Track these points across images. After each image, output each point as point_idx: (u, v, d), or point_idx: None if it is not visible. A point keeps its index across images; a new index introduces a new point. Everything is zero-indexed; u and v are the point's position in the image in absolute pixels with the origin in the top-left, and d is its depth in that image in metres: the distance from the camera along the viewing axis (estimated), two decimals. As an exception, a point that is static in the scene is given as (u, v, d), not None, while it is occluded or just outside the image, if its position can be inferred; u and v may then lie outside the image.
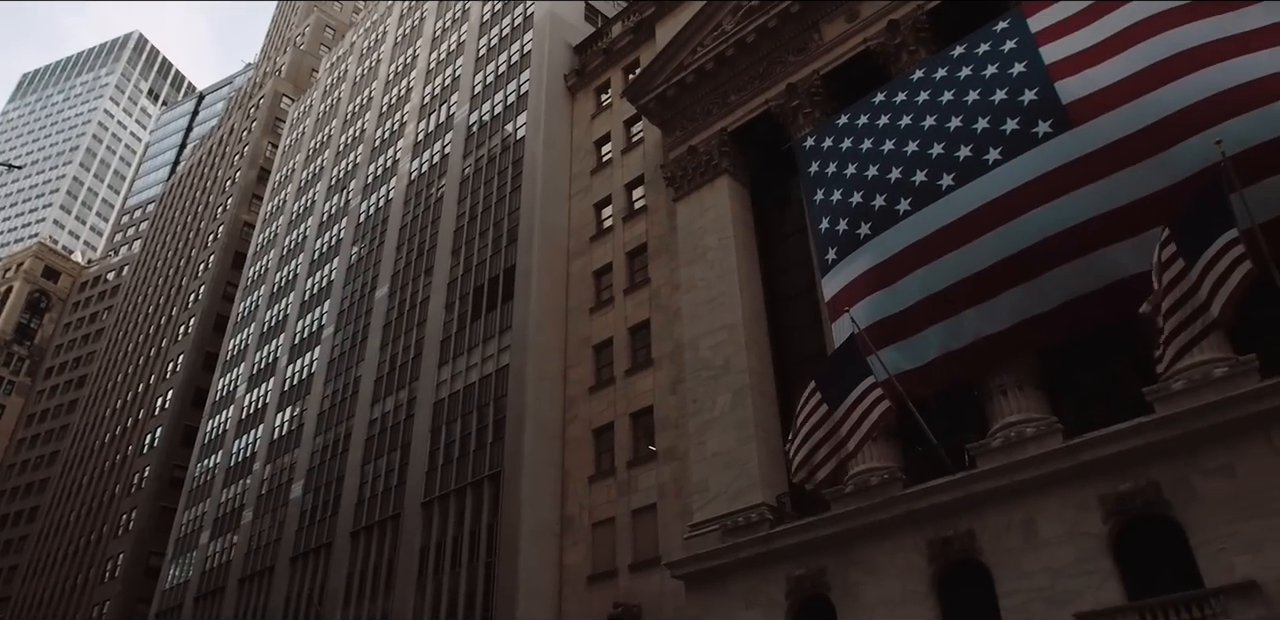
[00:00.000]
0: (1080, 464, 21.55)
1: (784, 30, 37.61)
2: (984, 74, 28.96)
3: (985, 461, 23.33)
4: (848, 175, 31.13)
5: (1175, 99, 23.87)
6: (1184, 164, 22.66)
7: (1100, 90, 25.62)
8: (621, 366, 37.13)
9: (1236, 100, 22.91)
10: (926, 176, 28.41)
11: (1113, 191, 24.17)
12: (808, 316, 31.94)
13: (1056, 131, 25.86)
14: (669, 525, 30.82)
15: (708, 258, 34.90)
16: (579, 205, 45.48)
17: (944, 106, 29.51)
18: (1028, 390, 24.20)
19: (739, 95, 38.33)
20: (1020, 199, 25.74)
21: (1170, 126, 23.64)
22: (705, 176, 37.49)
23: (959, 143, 28.17)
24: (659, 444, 33.42)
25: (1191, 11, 25.53)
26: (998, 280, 25.48)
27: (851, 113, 32.69)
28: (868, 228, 29.37)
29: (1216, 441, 20.03)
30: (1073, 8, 28.40)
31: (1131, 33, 26.09)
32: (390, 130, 65.86)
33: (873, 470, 25.46)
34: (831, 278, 29.78)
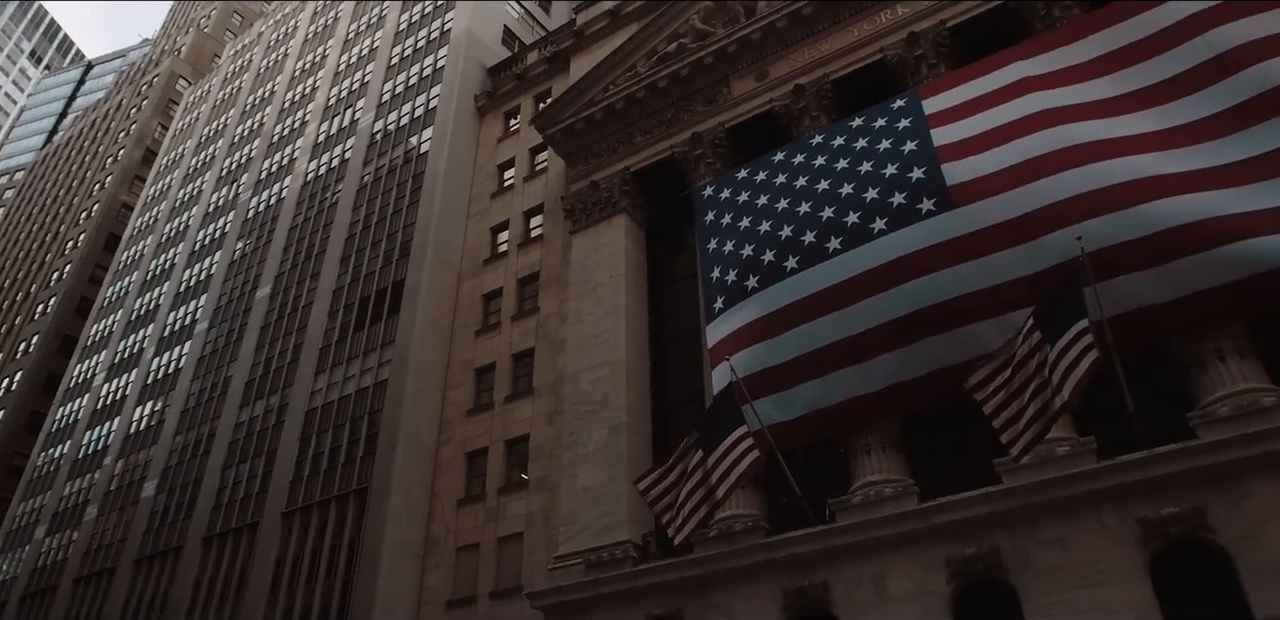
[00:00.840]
0: (931, 526, 22.59)
1: (695, 80, 38.51)
2: (878, 147, 30.37)
3: (844, 517, 24.22)
4: (741, 228, 32.06)
5: (1046, 193, 25.56)
6: (1048, 254, 24.22)
7: (982, 177, 27.22)
8: (502, 392, 37.03)
9: (1099, 201, 24.68)
10: (815, 238, 29.54)
11: (984, 272, 25.64)
12: (690, 360, 32.55)
13: (939, 210, 27.31)
14: (534, 555, 30.81)
15: (598, 293, 35.26)
16: (476, 227, 45.25)
17: (838, 173, 30.77)
18: (890, 452, 25.31)
19: (645, 137, 38.96)
20: (900, 269, 27.01)
21: (1040, 218, 25.26)
22: (604, 213, 37.91)
23: (848, 209, 29.42)
24: (531, 473, 33.43)
25: (1072, 112, 27.50)
26: (873, 344, 26.66)
27: (751, 168, 33.76)
28: (755, 280, 30.29)
29: (1054, 515, 21.33)
30: (964, 96, 30.11)
31: (1014, 127, 27.87)
32: (290, 128, 64.07)
33: (737, 517, 26.11)
34: (716, 325, 30.55)
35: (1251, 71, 24.70)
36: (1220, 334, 22.32)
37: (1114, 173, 24.98)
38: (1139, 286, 23.15)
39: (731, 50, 37.76)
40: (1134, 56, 27.65)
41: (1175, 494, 20.22)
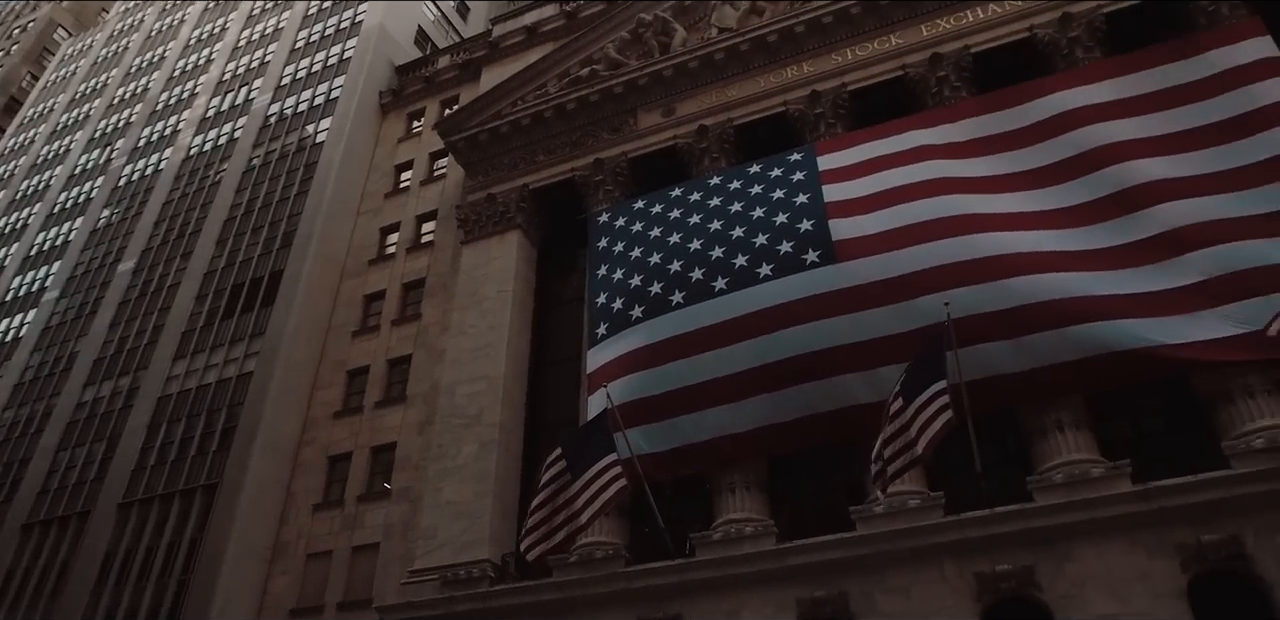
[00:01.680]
0: (786, 567, 23.31)
1: (604, 107, 38.79)
2: (772, 196, 31.35)
3: (704, 552, 24.72)
4: (632, 257, 32.50)
5: (923, 258, 26.94)
6: (919, 316, 25.47)
7: (866, 236, 28.47)
8: (373, 397, 36.18)
9: (970, 271, 26.19)
10: (703, 275, 30.23)
11: (858, 326, 26.77)
12: (568, 383, 32.64)
13: (823, 262, 28.39)
14: (388, 568, 30.12)
15: (483, 306, 35.00)
16: (365, 225, 44.22)
17: (731, 215, 31.61)
18: (753, 491, 26.04)
19: (548, 157, 38.98)
20: (780, 315, 27.91)
21: (914, 281, 26.58)
22: (498, 227, 37.70)
23: (737, 251, 30.24)
24: (395, 483, 32.73)
25: (956, 184, 29.10)
26: (747, 385, 27.41)
27: (649, 200, 34.30)
28: (640, 310, 30.73)
29: (901, 564, 22.39)
30: (858, 156, 31.43)
31: (902, 192, 29.29)
32: (178, 97, 61.01)
33: (599, 544, 26.30)
34: (598, 351, 30.82)
35: (1114, 169, 26.82)
36: (1061, 406, 23.96)
37: (987, 246, 26.61)
38: (996, 355, 24.68)
39: (642, 83, 38.24)
40: (1012, 142, 29.55)
41: (1010, 552, 21.58)
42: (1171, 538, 20.45)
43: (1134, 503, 21.08)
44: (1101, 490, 21.62)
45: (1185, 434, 23.22)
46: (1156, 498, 20.93)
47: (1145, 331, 23.53)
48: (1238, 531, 20.04)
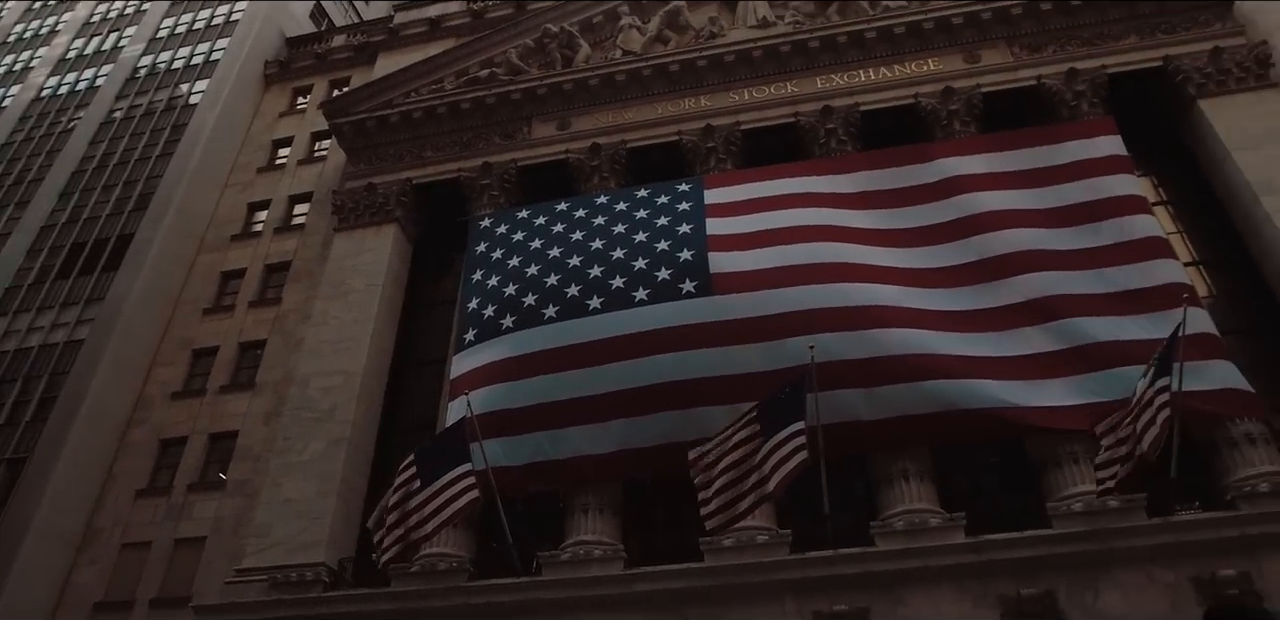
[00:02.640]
0: (632, 593, 23.07)
1: (499, 111, 37.97)
2: (656, 222, 31.40)
3: (550, 572, 24.21)
4: (510, 266, 31.84)
5: (795, 300, 27.51)
6: (784, 356, 25.87)
7: (743, 272, 28.83)
8: (219, 381, 33.78)
9: (838, 318, 26.89)
10: (578, 292, 29.90)
11: (726, 360, 27.05)
12: (429, 387, 31.50)
13: (698, 293, 28.58)
14: (213, 564, 27.88)
15: (349, 299, 33.43)
16: (232, 198, 41.53)
17: (614, 236, 31.46)
18: (607, 514, 25.75)
19: (436, 154, 37.79)
20: (651, 341, 27.89)
21: (784, 322, 27.08)
22: (375, 218, 36.19)
23: (616, 273, 30.09)
24: (232, 474, 30.49)
25: (835, 232, 29.89)
26: (610, 407, 27.19)
27: (534, 211, 33.74)
28: (512, 321, 30.10)
29: (744, 598, 22.54)
30: (745, 194, 31.85)
31: (782, 234, 29.86)
32: (35, 32, 55.85)
33: (444, 556, 25.36)
34: (463, 357, 29.95)
35: (983, 237, 28.23)
36: (909, 457, 24.89)
37: (856, 296, 27.42)
38: (853, 402, 25.40)
39: (541, 93, 37.69)
40: (893, 200, 30.68)
41: (849, 593, 22.13)
42: (996, 589, 21.50)
43: (965, 554, 22.08)
44: (937, 539, 22.54)
45: (1016, 493, 24.54)
46: (986, 550, 22.00)
47: (991, 393, 24.78)
48: (1053, 586, 21.27)
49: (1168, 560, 20.97)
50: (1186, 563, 20.83)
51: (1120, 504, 22.03)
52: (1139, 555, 21.20)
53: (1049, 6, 34.17)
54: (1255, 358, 25.27)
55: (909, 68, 35.22)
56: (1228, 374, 23.67)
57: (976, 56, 34.74)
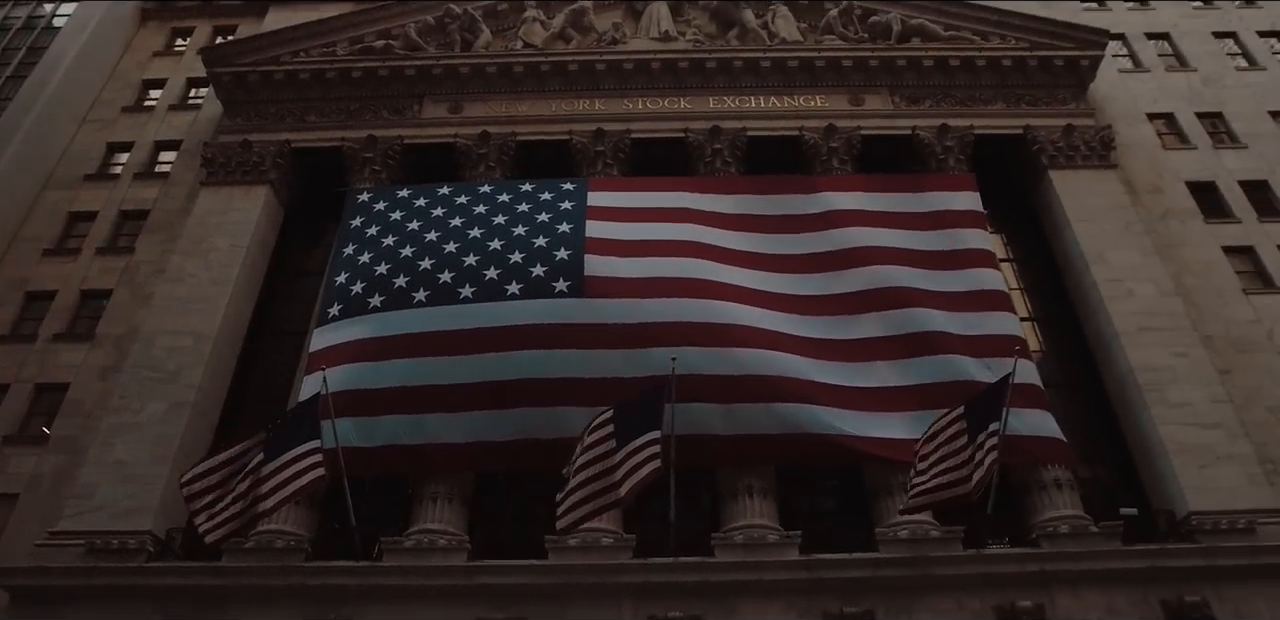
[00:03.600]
0: (473, 585, 22.75)
1: (391, 85, 36.52)
2: (537, 218, 31.03)
3: (391, 558, 23.48)
4: (384, 244, 30.73)
5: (662, 311, 27.81)
6: (647, 365, 26.10)
7: (616, 278, 28.90)
8: (53, 328, 30.72)
9: (702, 332, 27.35)
10: (451, 279, 29.21)
11: (591, 363, 27.03)
12: (286, 359, 29.90)
13: (570, 294, 28.47)
14: (25, 525, 25.21)
15: (210, 258, 31.28)
16: (89, 135, 37.97)
17: (493, 227, 30.90)
18: (455, 504, 25.18)
19: (320, 119, 35.95)
20: (519, 336, 27.55)
21: (650, 331, 27.32)
22: (247, 177, 34.02)
23: (491, 263, 29.57)
24: (57, 429, 27.74)
25: (709, 250, 30.32)
26: (470, 397, 26.66)
27: (415, 191, 32.69)
28: (380, 300, 29.07)
29: (584, 598, 22.62)
30: (628, 202, 31.89)
31: (657, 246, 30.10)
32: None
33: (282, 534, 24.13)
34: (325, 332, 28.66)
35: (858, 271, 29.30)
36: (755, 473, 25.60)
37: (723, 314, 27.97)
38: (708, 416, 25.85)
39: (436, 72, 36.49)
40: (770, 226, 31.40)
41: (685, 600, 22.57)
42: (822, 605, 22.45)
43: (798, 570, 22.92)
44: (773, 555, 23.30)
45: (850, 516, 25.66)
46: (817, 568, 22.91)
47: (837, 420, 25.80)
48: (873, 607, 22.38)
49: (976, 589, 22.46)
50: (992, 592, 22.36)
51: (941, 534, 23.43)
52: (952, 583, 22.61)
53: (930, 63, 35.85)
54: (1071, 411, 27.37)
55: (798, 101, 36.17)
56: (1046, 424, 25.54)
57: (861, 100, 36.07)
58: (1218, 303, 29.77)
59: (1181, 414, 25.99)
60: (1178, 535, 23.81)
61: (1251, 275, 31.21)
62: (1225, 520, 23.57)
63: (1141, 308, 28.77)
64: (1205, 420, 25.79)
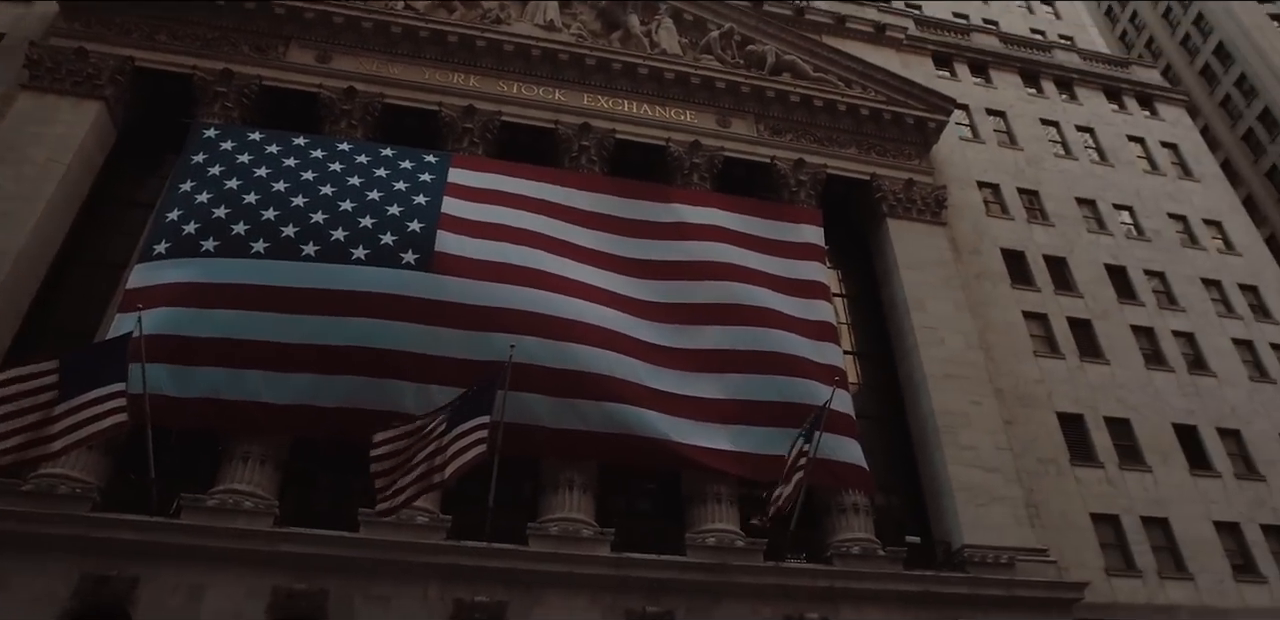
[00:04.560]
0: (275, 551, 22.09)
1: (257, 21, 34.56)
2: (394, 185, 30.58)
3: (190, 516, 22.38)
4: (226, 187, 29.27)
5: (507, 298, 28.16)
6: (486, 349, 26.43)
7: (465, 258, 28.95)
8: None
9: (545, 324, 27.92)
10: (294, 235, 28.29)
11: (428, 339, 26.95)
12: (98, 292, 27.51)
13: (418, 267, 28.27)
14: None
15: (23, 169, 28.37)
16: (-114, 8, 33.68)
17: (347, 187, 30.17)
18: (267, 466, 24.26)
19: (173, 41, 33.41)
20: (359, 302, 27.06)
21: (493, 316, 27.60)
22: (79, 89, 31.08)
23: (339, 224, 28.89)
24: None
25: (559, 245, 30.85)
26: (299, 359, 25.88)
27: (269, 137, 31.28)
28: (214, 244, 27.72)
29: (391, 575, 22.48)
30: (488, 184, 31.91)
31: (511, 232, 30.39)
32: None
33: (68, 479, 22.36)
34: (148, 269, 26.91)
35: (709, 284, 30.66)
36: (578, 468, 26.27)
37: (567, 308, 28.57)
38: (540, 407, 26.38)
39: (308, 17, 34.93)
40: (624, 229, 32.34)
41: (492, 586, 22.98)
42: (625, 603, 23.37)
43: (607, 567, 23.73)
44: (585, 550, 24.01)
45: (664, 519, 26.77)
46: (625, 567, 23.82)
47: (664, 426, 26.94)
48: (674, 608, 23.53)
49: (771, 599, 24.10)
50: (785, 603, 24.07)
51: (745, 545, 24.97)
52: (750, 591, 24.15)
53: (796, 99, 38.06)
54: (876, 443, 29.81)
55: (669, 113, 37.34)
56: (853, 451, 27.73)
57: (728, 122, 37.73)
58: (1012, 360, 33.39)
59: (969, 456, 28.95)
60: (951, 564, 26.53)
61: (1042, 340, 35.26)
62: (991, 554, 26.50)
63: (949, 356, 31.77)
64: (987, 464, 28.85)
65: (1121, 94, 49.28)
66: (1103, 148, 45.62)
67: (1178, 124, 49.14)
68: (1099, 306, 37.28)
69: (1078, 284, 38.02)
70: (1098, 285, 38.19)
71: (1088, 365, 34.91)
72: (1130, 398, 34.36)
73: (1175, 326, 37.76)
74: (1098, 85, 48.99)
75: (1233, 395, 36.12)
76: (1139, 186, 44.10)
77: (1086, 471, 31.32)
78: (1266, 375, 37.61)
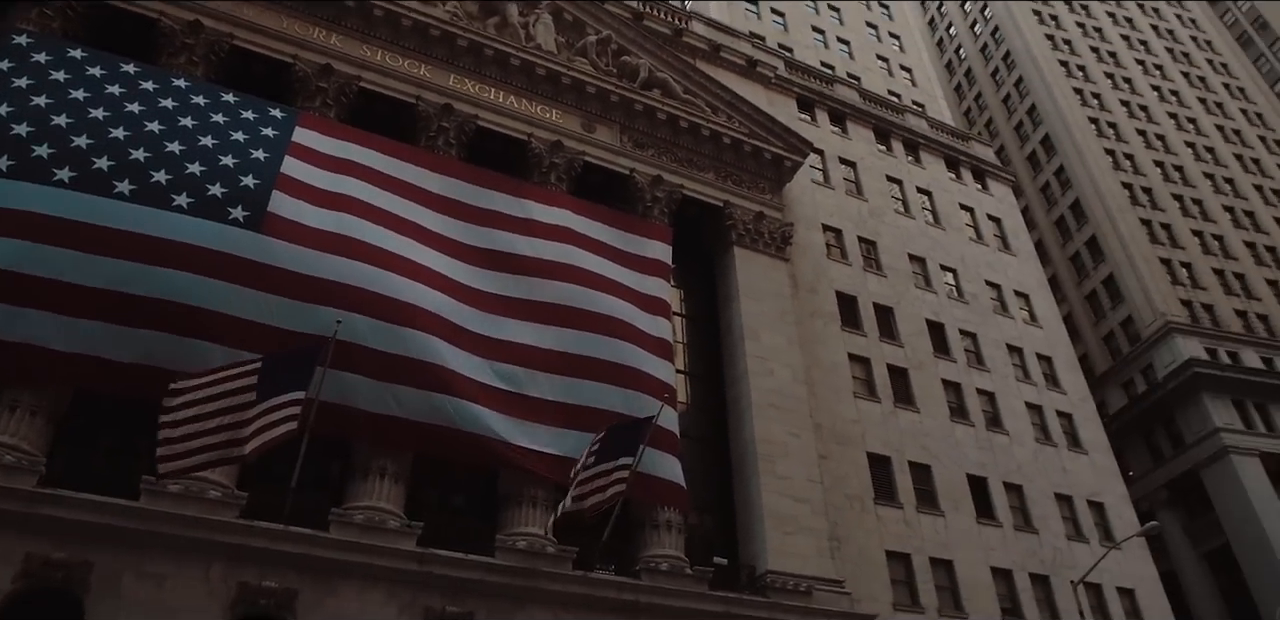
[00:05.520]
0: (33, 515, 19.98)
1: (98, -74, 32.09)
2: (231, 135, 29.20)
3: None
4: (33, 103, 26.91)
5: (340, 272, 27.31)
6: (310, 321, 25.55)
7: (299, 224, 27.93)
8: None
9: (377, 303, 27.25)
10: (108, 169, 26.44)
11: (249, 304, 25.78)
12: None
13: (246, 225, 27.05)
14: None
15: None
16: None
17: (177, 127, 28.51)
18: (38, 419, 22.15)
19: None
20: (174, 253, 25.54)
21: (322, 287, 26.70)
22: None
23: (162, 166, 27.24)
24: None
25: (404, 224, 30.20)
26: (93, 305, 24.00)
27: (93, 57, 28.99)
28: (7, 164, 25.41)
29: (169, 550, 20.99)
30: (334, 150, 30.90)
31: (351, 203, 29.60)
32: None
33: None
34: (-75, 182, 24.19)
35: (553, 284, 30.80)
36: (393, 456, 25.51)
37: (401, 289, 27.92)
38: (360, 389, 25.55)
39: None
40: (473, 216, 32.00)
41: (283, 572, 21.80)
42: (425, 601, 22.78)
43: (409, 561, 23.07)
44: (389, 542, 23.25)
45: (476, 518, 26.35)
46: (429, 563, 23.24)
47: (489, 422, 26.64)
48: (475, 610, 23.14)
49: (575, 608, 24.23)
50: (587, 613, 24.32)
51: (556, 551, 24.94)
52: (555, 598, 24.12)
53: (663, 116, 39.12)
54: (697, 463, 30.64)
55: (534, 108, 37.43)
56: (673, 469, 28.37)
57: (593, 127, 38.24)
58: (833, 398, 35.32)
59: (783, 485, 30.28)
60: (754, 588, 27.54)
61: (863, 382, 37.55)
62: (792, 581, 27.76)
63: (776, 387, 33.23)
64: (799, 494, 30.27)
65: (960, 164, 53.68)
66: (938, 211, 49.46)
67: (1004, 200, 54.00)
68: (917, 357, 40.18)
69: (901, 334, 40.85)
70: (918, 337, 41.17)
71: (900, 411, 37.51)
72: (934, 446, 37.13)
73: (980, 385, 41.23)
74: (940, 153, 53.16)
75: (1020, 453, 39.79)
76: (964, 252, 48.03)
77: (888, 511, 33.52)
78: (1050, 439, 41.73)
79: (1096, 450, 42.94)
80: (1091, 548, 37.81)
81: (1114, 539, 38.51)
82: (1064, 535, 38.21)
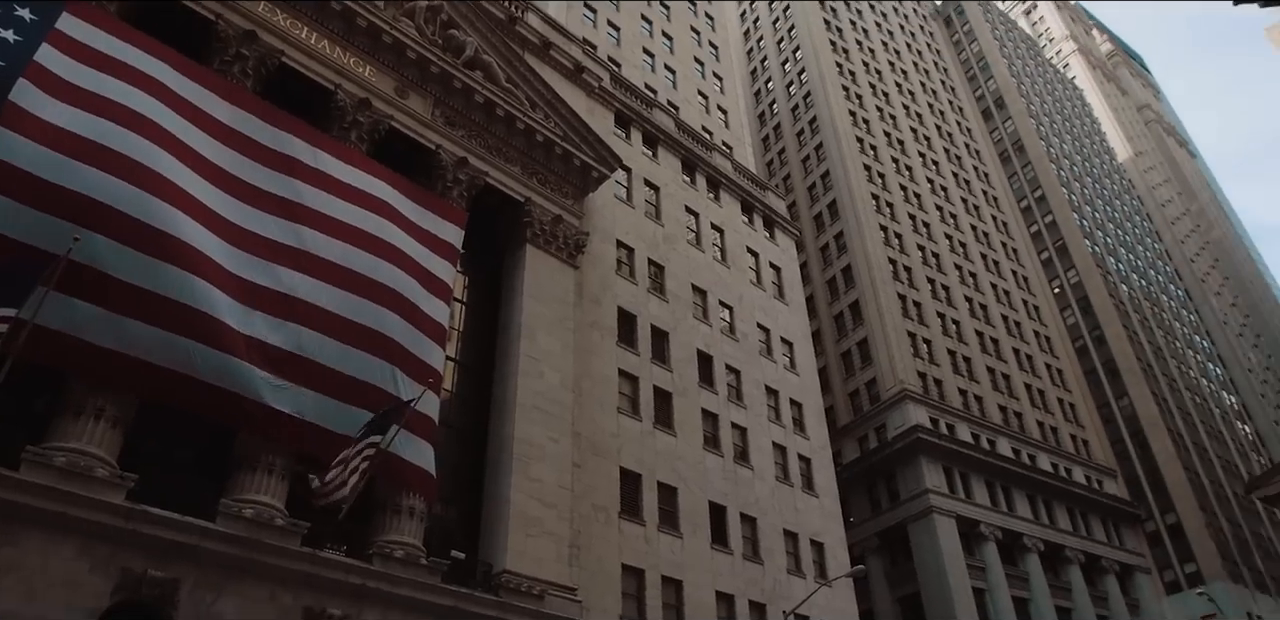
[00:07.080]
0: None
1: None
2: (-18, 14, 25.72)
3: None
4: None
5: (89, 183, 24.73)
6: (41, 231, 23.00)
7: (45, 121, 25.32)
8: None
9: (125, 226, 24.63)
10: None
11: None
12: None
13: (-19, 109, 23.84)
14: None
15: None
16: None
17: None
18: None
19: None
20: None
21: (62, 197, 24.01)
22: None
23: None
24: None
25: (173, 143, 27.55)
26: None
27: None
28: None
29: None
30: (100, 45, 27.81)
31: (115, 109, 26.80)
32: None
33: None
34: None
35: (327, 239, 29.12)
36: (111, 397, 22.86)
37: (162, 216, 25.37)
38: (87, 317, 22.88)
39: None
40: (252, 151, 29.67)
41: None
42: (123, 560, 20.56)
43: (113, 516, 20.76)
44: (91, 491, 20.79)
45: (202, 476, 24.07)
46: (135, 519, 21.01)
47: (243, 376, 24.52)
48: (182, 576, 21.09)
49: (294, 587, 22.60)
50: (308, 593, 22.67)
51: (285, 524, 23.24)
52: (273, 574, 22.44)
53: (481, 100, 38.46)
54: (452, 454, 29.87)
55: (348, 59, 35.67)
56: (426, 455, 27.35)
57: (405, 94, 36.96)
58: (597, 410, 35.54)
59: (533, 487, 29.96)
60: (487, 586, 26.91)
61: (628, 399, 38.07)
62: (527, 584, 27.43)
63: (543, 389, 33.04)
64: (547, 499, 30.06)
65: (754, 210, 56.34)
66: (726, 250, 51.53)
67: (786, 252, 57.11)
68: (683, 384, 41.35)
69: (672, 359, 41.93)
70: (687, 365, 42.42)
71: (659, 432, 38.38)
72: (684, 470, 38.19)
73: (735, 419, 42.99)
74: (738, 195, 55.60)
75: (760, 488, 41.78)
76: (743, 293, 50.23)
77: (630, 526, 34.00)
78: (788, 479, 44.18)
79: (826, 495, 45.92)
80: (807, 582, 40.26)
81: (827, 576, 41.25)
82: (785, 569, 40.53)
